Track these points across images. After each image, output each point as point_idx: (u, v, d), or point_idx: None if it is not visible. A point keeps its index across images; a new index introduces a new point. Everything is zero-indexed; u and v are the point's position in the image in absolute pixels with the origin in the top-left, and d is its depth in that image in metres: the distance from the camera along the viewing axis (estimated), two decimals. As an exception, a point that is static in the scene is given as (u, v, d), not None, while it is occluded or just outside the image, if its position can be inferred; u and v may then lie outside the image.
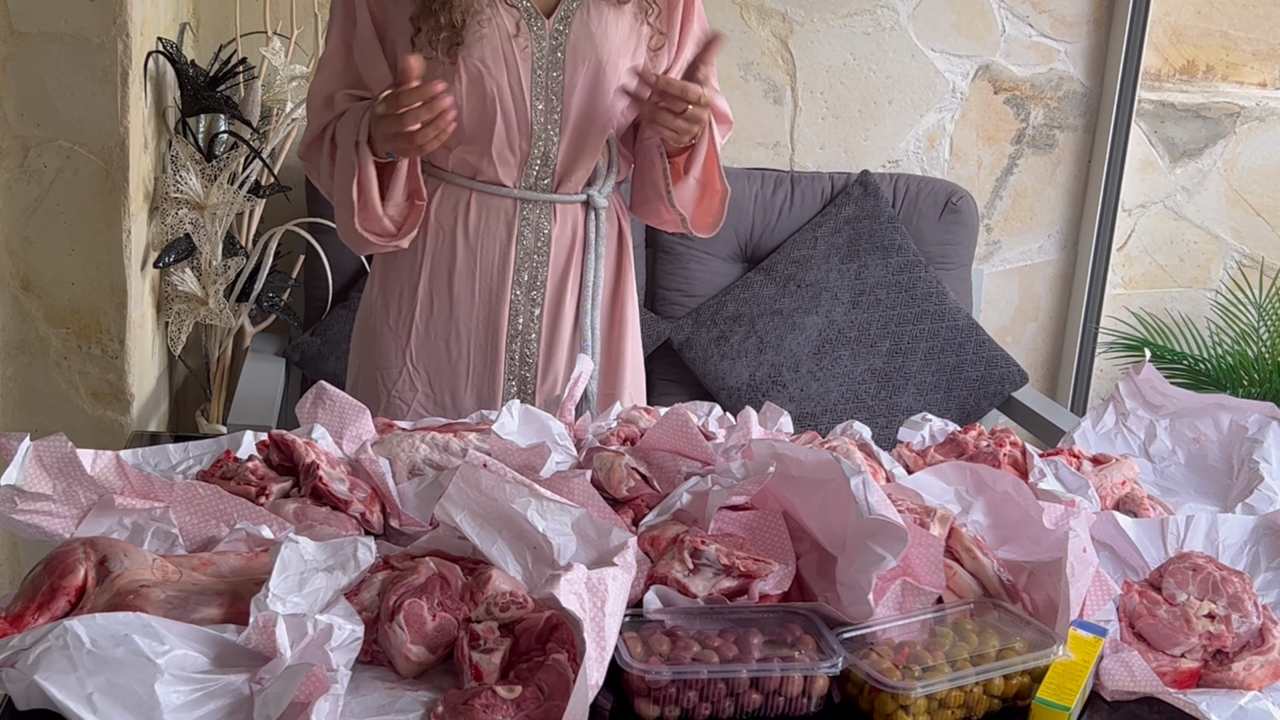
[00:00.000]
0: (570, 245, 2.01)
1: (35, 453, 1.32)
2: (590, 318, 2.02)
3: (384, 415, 2.02)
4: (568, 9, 1.91)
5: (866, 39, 3.34)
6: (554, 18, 1.91)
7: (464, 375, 2.02)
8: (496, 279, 1.99)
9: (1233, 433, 1.80)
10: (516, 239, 1.98)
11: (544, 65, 1.91)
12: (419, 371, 2.03)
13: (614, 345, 2.09)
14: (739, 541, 1.33)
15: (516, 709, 1.10)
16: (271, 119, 2.89)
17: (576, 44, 1.91)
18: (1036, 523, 1.42)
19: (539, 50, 1.90)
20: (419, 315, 2.01)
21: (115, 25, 2.40)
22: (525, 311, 2.01)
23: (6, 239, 2.49)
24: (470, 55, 1.88)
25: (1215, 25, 3.47)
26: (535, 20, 1.91)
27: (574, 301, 2.02)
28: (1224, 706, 1.24)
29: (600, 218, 2.01)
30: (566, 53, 1.91)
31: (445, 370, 2.02)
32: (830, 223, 3.18)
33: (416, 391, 2.03)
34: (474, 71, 1.89)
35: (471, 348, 2.01)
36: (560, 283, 2.01)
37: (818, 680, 1.19)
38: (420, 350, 2.02)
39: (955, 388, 3.17)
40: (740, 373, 3.08)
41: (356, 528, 1.40)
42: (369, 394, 2.06)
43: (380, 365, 2.05)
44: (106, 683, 1.04)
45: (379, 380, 2.05)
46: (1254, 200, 3.58)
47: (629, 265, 2.09)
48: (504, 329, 2.00)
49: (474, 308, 2.00)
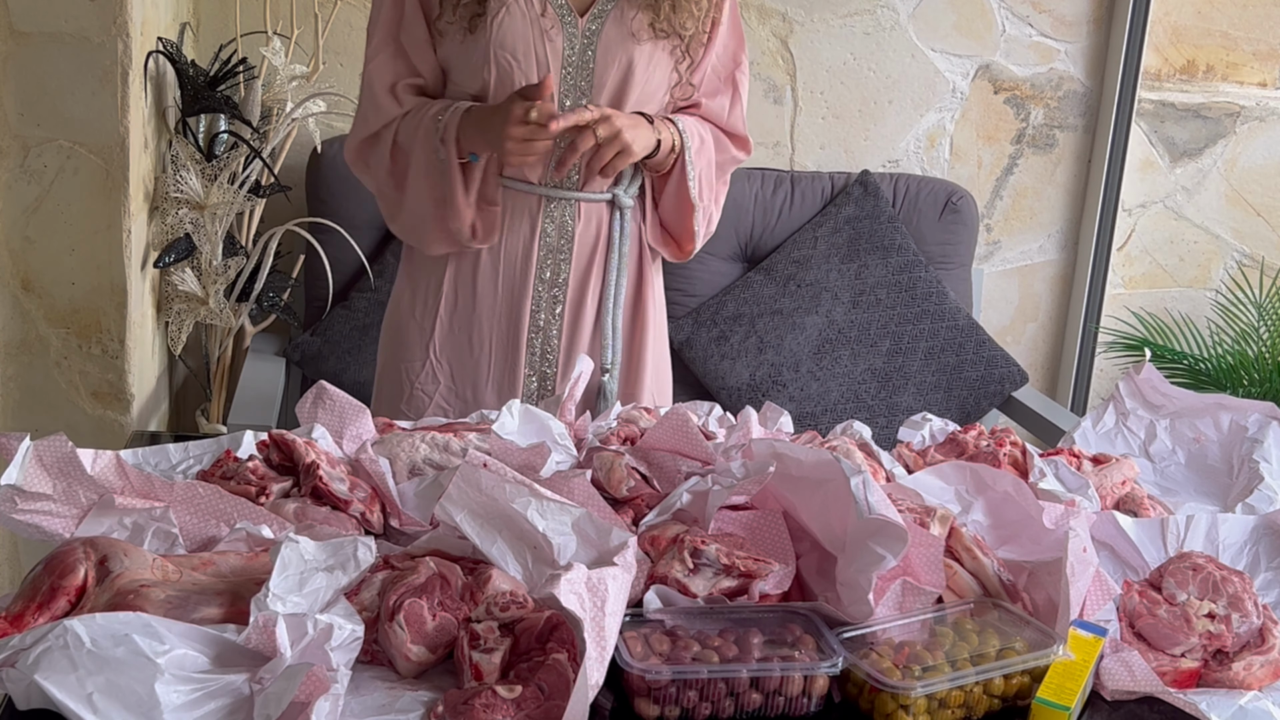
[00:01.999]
0: (594, 243, 2.01)
1: (35, 452, 1.32)
2: (612, 316, 2.03)
3: (407, 408, 2.04)
4: (602, 8, 1.91)
5: (866, 39, 3.34)
6: (588, 16, 1.91)
7: (485, 369, 2.03)
8: (519, 274, 2.00)
9: (1233, 432, 1.80)
10: (540, 235, 1.99)
11: (574, 63, 1.91)
12: (442, 364, 2.04)
13: (635, 345, 2.10)
14: (739, 541, 1.33)
15: (516, 709, 1.10)
16: (271, 119, 2.89)
17: (609, 44, 1.91)
18: (1036, 523, 1.42)
19: (570, 48, 1.91)
20: (443, 308, 2.03)
21: (115, 25, 2.40)
22: (547, 308, 2.01)
23: (6, 239, 2.49)
24: (501, 46, 1.89)
25: (1215, 25, 3.47)
26: (569, 15, 1.91)
27: (596, 299, 2.03)
28: (1224, 706, 1.24)
29: (625, 217, 2.01)
30: (598, 52, 1.91)
31: (467, 363, 2.03)
32: (830, 223, 3.18)
33: (439, 384, 2.04)
34: (503, 64, 1.90)
35: (493, 342, 2.02)
36: (582, 280, 2.02)
37: (818, 680, 1.19)
38: (443, 343, 2.04)
39: (955, 388, 3.17)
40: (740, 373, 3.08)
41: (356, 528, 1.40)
42: (393, 386, 2.08)
43: (405, 358, 2.06)
44: (106, 682, 1.04)
45: (403, 373, 2.06)
46: (1254, 200, 3.58)
47: (652, 266, 2.10)
48: (525, 324, 2.01)
49: (496, 302, 2.01)
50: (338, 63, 3.12)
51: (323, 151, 2.98)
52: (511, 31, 1.89)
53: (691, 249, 2.08)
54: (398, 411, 2.05)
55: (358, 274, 3.00)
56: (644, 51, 1.92)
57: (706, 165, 2.02)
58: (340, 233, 2.91)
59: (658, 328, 2.14)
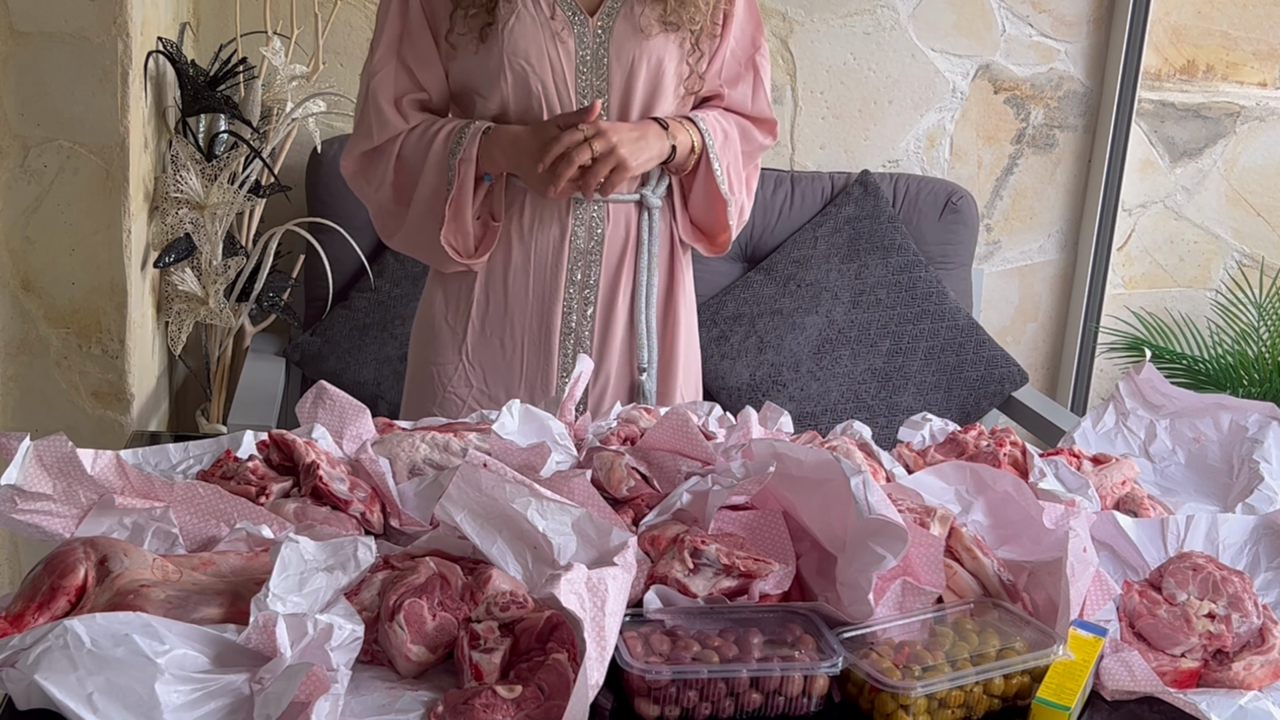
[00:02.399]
0: (623, 245, 2.02)
1: (35, 452, 1.32)
2: (645, 316, 2.04)
3: (439, 411, 2.05)
4: (611, 8, 1.92)
5: (866, 39, 3.34)
6: (597, 15, 1.92)
7: (518, 372, 2.05)
8: (550, 277, 2.01)
9: (1233, 433, 1.79)
10: (570, 238, 2.00)
11: (588, 64, 1.92)
12: (474, 368, 2.05)
13: (668, 344, 2.11)
14: (739, 541, 1.33)
15: (516, 709, 1.10)
16: (271, 119, 2.89)
17: (620, 43, 1.92)
18: (1036, 523, 1.42)
19: (583, 49, 1.91)
20: (475, 312, 2.04)
21: (115, 25, 2.40)
22: (578, 310, 2.03)
23: (6, 239, 2.49)
24: (515, 54, 1.90)
25: (1215, 25, 3.47)
26: (578, 16, 1.91)
27: (627, 301, 2.04)
28: (1224, 706, 1.24)
29: (654, 218, 2.02)
30: (610, 52, 1.92)
31: (500, 366, 2.05)
32: (830, 222, 3.18)
33: (471, 388, 2.05)
34: (519, 70, 1.91)
35: (526, 345, 2.04)
36: (613, 282, 2.03)
37: (818, 680, 1.19)
38: (476, 347, 2.05)
39: (955, 388, 3.17)
40: (740, 373, 3.08)
41: (356, 528, 1.40)
42: (424, 390, 2.09)
43: (437, 361, 2.07)
44: (106, 682, 1.04)
45: (435, 376, 2.07)
46: (1254, 200, 3.58)
47: (683, 266, 2.11)
48: (557, 326, 2.03)
49: (528, 305, 2.02)
50: (338, 63, 3.12)
51: (323, 151, 2.98)
52: (523, 36, 1.89)
53: (727, 239, 2.09)
54: (429, 414, 2.06)
55: (358, 274, 3.00)
56: (655, 46, 1.92)
57: (734, 158, 2.04)
58: (340, 233, 2.91)
59: (689, 326, 2.15)
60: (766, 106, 2.08)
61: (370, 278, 2.96)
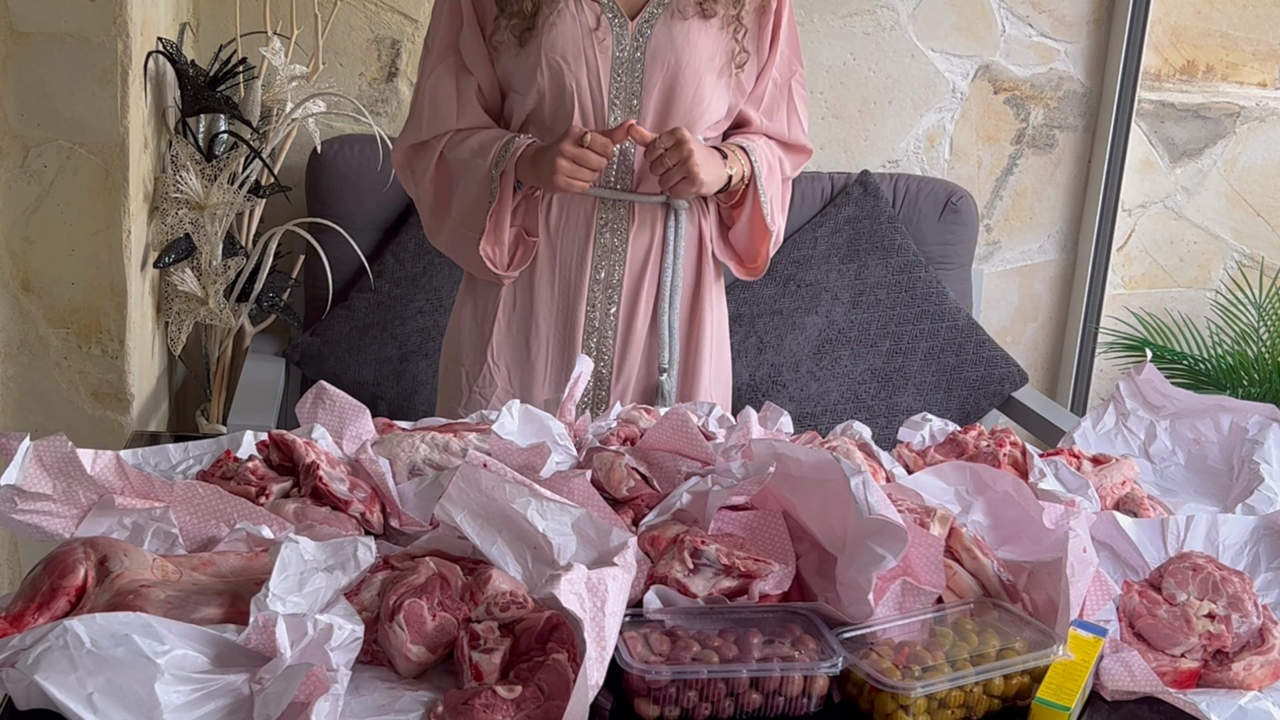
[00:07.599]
0: (648, 245, 2.04)
1: (35, 453, 1.32)
2: (668, 316, 2.04)
3: (464, 411, 2.07)
4: (652, 13, 1.94)
5: (866, 39, 3.34)
6: (638, 20, 1.94)
7: (542, 370, 2.07)
8: (574, 276, 2.03)
9: (1233, 434, 1.80)
10: (595, 237, 2.01)
11: (624, 67, 1.93)
12: (499, 367, 2.07)
13: (692, 345, 2.11)
14: (739, 541, 1.33)
15: (516, 709, 1.10)
16: (271, 119, 2.89)
17: (658, 48, 1.93)
18: (1036, 523, 1.42)
19: (620, 50, 1.93)
20: (501, 312, 2.06)
21: (115, 25, 2.40)
22: (602, 308, 2.04)
23: (6, 239, 2.49)
24: (552, 50, 1.92)
25: (1215, 25, 3.47)
26: (618, 19, 1.93)
27: (651, 301, 2.05)
28: (1224, 706, 1.24)
29: (680, 219, 2.03)
30: (647, 55, 1.93)
31: (524, 365, 2.07)
32: (830, 223, 3.18)
33: (495, 387, 2.08)
34: (554, 66, 1.93)
35: (550, 343, 2.06)
36: (637, 282, 2.04)
37: (818, 680, 1.19)
38: (501, 346, 2.07)
39: (955, 388, 3.17)
40: (740, 373, 3.08)
41: (356, 528, 1.40)
42: (452, 390, 2.12)
43: (464, 361, 2.10)
44: (106, 682, 1.04)
45: (462, 376, 2.10)
46: (1254, 200, 3.58)
47: (709, 268, 2.11)
48: (581, 325, 2.04)
49: (553, 304, 2.04)
50: (338, 63, 3.12)
51: (322, 151, 2.98)
52: (562, 35, 1.92)
53: (761, 266, 2.11)
54: (456, 415, 2.07)
55: (357, 274, 3.00)
56: (693, 48, 1.94)
57: (777, 189, 2.07)
58: (340, 233, 2.91)
59: (717, 329, 2.15)
60: (802, 134, 2.11)
61: (370, 278, 2.96)
